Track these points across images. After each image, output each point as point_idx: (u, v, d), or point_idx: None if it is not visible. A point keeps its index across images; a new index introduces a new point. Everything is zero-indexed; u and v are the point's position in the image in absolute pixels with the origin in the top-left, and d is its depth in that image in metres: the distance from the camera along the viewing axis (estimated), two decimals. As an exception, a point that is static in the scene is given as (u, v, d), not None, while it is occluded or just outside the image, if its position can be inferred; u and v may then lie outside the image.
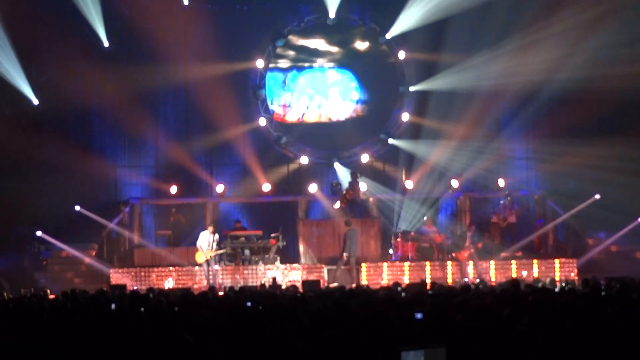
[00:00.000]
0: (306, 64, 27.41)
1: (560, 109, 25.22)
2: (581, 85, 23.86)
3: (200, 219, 24.41)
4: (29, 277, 22.19)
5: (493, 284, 19.15)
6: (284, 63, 27.31)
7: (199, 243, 21.55)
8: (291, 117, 27.40)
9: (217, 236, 21.63)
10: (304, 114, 27.44)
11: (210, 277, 21.42)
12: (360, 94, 27.55)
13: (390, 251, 23.48)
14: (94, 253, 23.24)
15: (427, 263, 22.29)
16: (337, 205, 23.21)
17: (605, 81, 23.43)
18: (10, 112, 24.02)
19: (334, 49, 27.43)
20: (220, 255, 21.94)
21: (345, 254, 21.61)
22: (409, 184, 25.47)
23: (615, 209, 22.90)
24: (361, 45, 27.47)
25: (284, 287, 17.88)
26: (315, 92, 27.44)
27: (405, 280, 21.01)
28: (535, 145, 26.59)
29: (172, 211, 24.90)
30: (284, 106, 27.40)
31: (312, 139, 27.08)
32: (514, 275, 21.62)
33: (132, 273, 21.86)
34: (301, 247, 23.46)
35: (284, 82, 27.38)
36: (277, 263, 22.26)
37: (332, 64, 27.47)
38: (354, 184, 23.37)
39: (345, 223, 22.11)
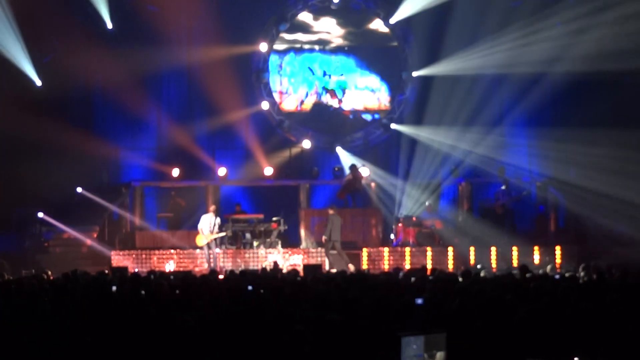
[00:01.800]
0: (306, 47, 27.28)
1: (563, 97, 25.11)
2: (584, 73, 23.77)
3: (202, 202, 24.40)
4: (31, 259, 22.21)
5: (494, 270, 19.15)
6: (280, 45, 27.10)
7: (200, 226, 21.53)
8: (288, 105, 27.16)
9: (218, 219, 21.58)
10: (302, 101, 27.22)
11: (211, 260, 21.42)
12: (363, 80, 27.45)
13: (392, 237, 23.50)
14: (95, 235, 23.28)
15: (428, 249, 22.26)
16: (338, 195, 23.46)
17: (608, 69, 23.33)
18: (13, 93, 23.95)
19: (337, 33, 27.32)
20: (222, 238, 21.94)
21: (324, 237, 21.60)
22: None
23: (618, 197, 22.84)
24: (364, 29, 27.34)
25: (285, 271, 17.89)
26: (316, 78, 27.29)
27: (406, 265, 21.02)
28: (538, 132, 26.50)
29: (171, 194, 24.90)
30: (281, 93, 27.17)
31: (314, 124, 27.01)
32: (515, 262, 21.59)
33: (134, 255, 21.87)
34: (302, 232, 23.47)
35: (280, 66, 27.14)
36: (279, 247, 22.27)
37: (334, 49, 27.35)
38: (355, 175, 23.44)
39: (330, 208, 22.12)
